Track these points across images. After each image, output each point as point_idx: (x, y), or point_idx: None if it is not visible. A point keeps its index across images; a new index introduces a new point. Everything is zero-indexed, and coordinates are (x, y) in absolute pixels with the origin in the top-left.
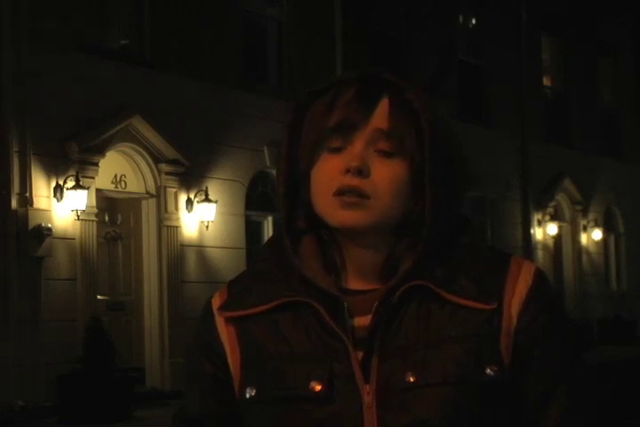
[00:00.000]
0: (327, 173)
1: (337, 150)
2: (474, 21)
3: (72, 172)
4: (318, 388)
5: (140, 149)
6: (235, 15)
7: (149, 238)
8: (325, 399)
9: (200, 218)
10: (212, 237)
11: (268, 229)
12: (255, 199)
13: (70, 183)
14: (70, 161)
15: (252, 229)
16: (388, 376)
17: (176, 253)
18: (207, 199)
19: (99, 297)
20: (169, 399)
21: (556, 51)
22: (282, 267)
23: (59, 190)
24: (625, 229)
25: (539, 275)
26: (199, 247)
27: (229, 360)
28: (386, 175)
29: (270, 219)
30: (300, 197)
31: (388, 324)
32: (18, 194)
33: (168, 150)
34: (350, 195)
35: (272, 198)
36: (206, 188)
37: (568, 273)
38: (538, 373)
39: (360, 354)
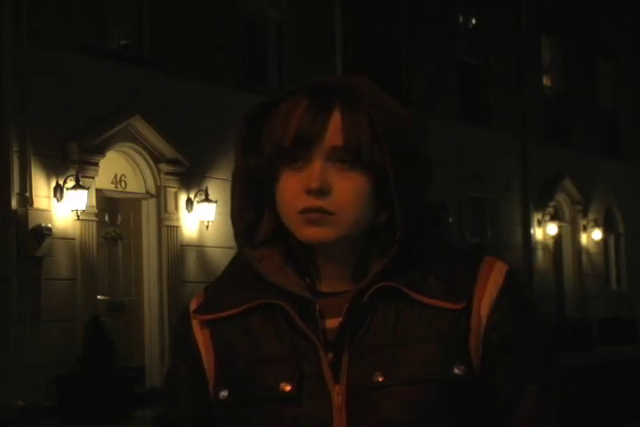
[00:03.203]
0: (289, 192)
1: (296, 167)
2: (474, 21)
3: (72, 172)
4: (288, 389)
5: (140, 149)
6: (235, 15)
7: (149, 238)
8: (295, 400)
9: (200, 218)
10: (212, 237)
11: None
12: None
13: (70, 183)
14: (70, 161)
15: None
16: (357, 376)
17: (176, 253)
18: (207, 199)
19: (99, 297)
20: None
21: (556, 51)
22: (252, 272)
23: (59, 190)
24: (625, 229)
25: (510, 275)
26: (199, 247)
27: (205, 362)
28: (347, 190)
29: None
30: (264, 208)
31: (357, 324)
32: (18, 194)
33: (168, 150)
34: (314, 213)
35: None
36: (206, 188)
37: (568, 273)
38: (507, 374)
39: (330, 355)
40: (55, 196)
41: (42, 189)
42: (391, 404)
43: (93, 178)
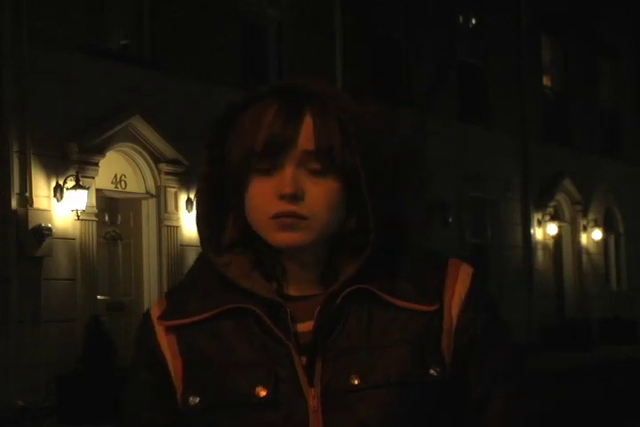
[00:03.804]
0: (261, 197)
1: (267, 173)
2: (474, 21)
3: (72, 172)
4: (263, 393)
5: (140, 149)
6: (235, 15)
7: (149, 238)
8: (271, 405)
9: None
10: None
11: None
12: None
13: (70, 183)
14: (70, 161)
15: None
16: (332, 379)
17: (176, 253)
18: None
19: (99, 297)
20: None
21: (556, 51)
22: (218, 277)
23: (59, 190)
24: (625, 229)
25: (476, 277)
26: (199, 247)
27: (171, 369)
28: (320, 195)
29: None
30: (229, 214)
31: (330, 328)
32: (18, 194)
33: (168, 150)
34: (287, 218)
35: None
36: None
37: (568, 273)
38: (478, 373)
39: (304, 359)
40: (55, 196)
41: (42, 189)
42: (367, 406)
43: (93, 178)
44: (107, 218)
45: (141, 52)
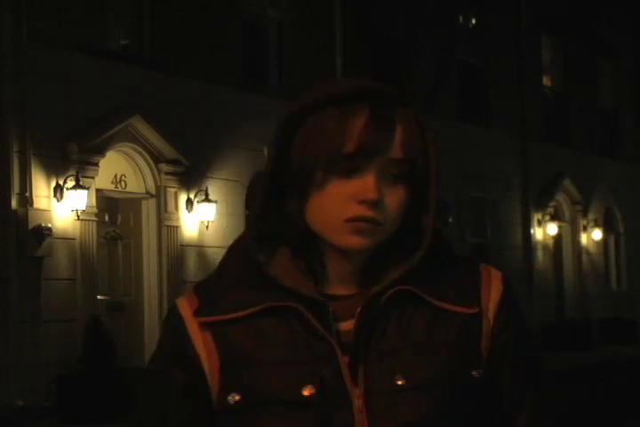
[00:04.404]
0: (337, 199)
1: (346, 176)
2: (474, 21)
3: (72, 172)
4: (309, 392)
5: (140, 149)
6: (235, 15)
7: (149, 238)
8: (316, 404)
9: (200, 218)
10: (212, 237)
11: None
12: None
13: (70, 183)
14: (70, 161)
15: None
16: (376, 380)
17: (176, 253)
18: (207, 199)
19: (99, 297)
20: None
21: (556, 51)
22: (257, 274)
23: (59, 190)
24: (625, 229)
25: (507, 281)
26: (199, 247)
27: (205, 366)
28: (396, 202)
29: None
30: (280, 211)
31: (372, 328)
32: (18, 194)
33: (168, 150)
34: (365, 223)
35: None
36: (206, 188)
37: (568, 273)
38: (510, 374)
39: (346, 358)
40: (55, 196)
41: (42, 189)
42: (411, 407)
43: (93, 178)
44: (107, 218)
45: (141, 52)
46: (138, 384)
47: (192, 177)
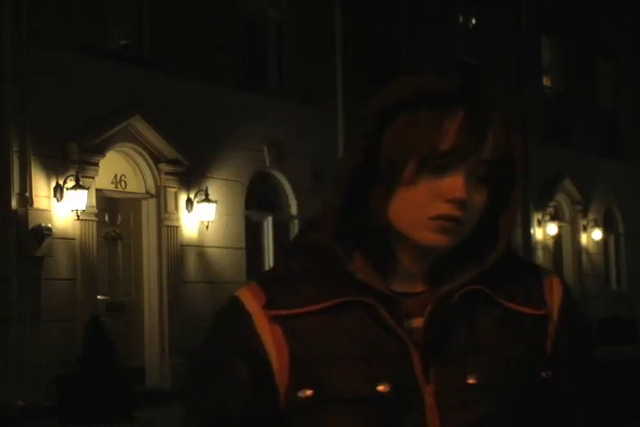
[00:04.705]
0: (425, 196)
1: (436, 173)
2: (474, 21)
3: (72, 172)
4: (384, 389)
5: (140, 149)
6: (235, 15)
7: (149, 238)
8: (389, 402)
9: (200, 218)
10: (212, 237)
11: (268, 229)
12: (255, 199)
13: (70, 183)
14: (70, 161)
15: (251, 229)
16: (447, 378)
17: (176, 253)
18: (207, 199)
19: (99, 297)
20: (169, 399)
21: (556, 51)
22: (327, 269)
23: (59, 190)
24: (625, 229)
25: (567, 286)
26: (199, 247)
27: (273, 360)
28: (478, 203)
29: (270, 219)
30: (359, 206)
31: (442, 326)
32: (18, 194)
33: (168, 150)
34: (449, 222)
35: (271, 198)
36: (206, 188)
37: (568, 273)
38: (571, 375)
39: (418, 356)
40: (55, 196)
41: (42, 189)
42: (482, 406)
43: (93, 178)
44: (107, 218)
45: (141, 52)
46: (190, 378)
47: (192, 177)
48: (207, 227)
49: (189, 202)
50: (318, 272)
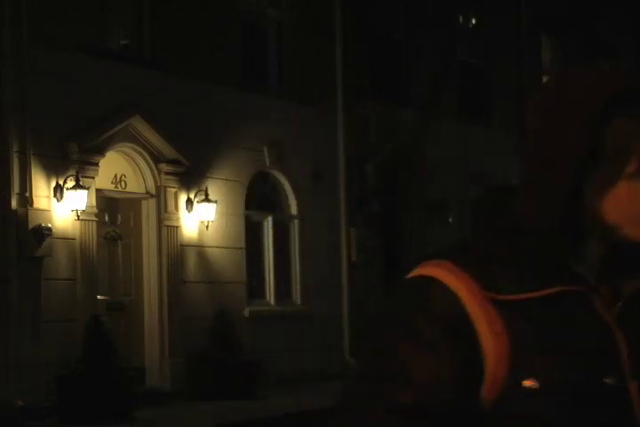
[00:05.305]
0: None
1: None
2: (474, 21)
3: (72, 172)
4: (611, 382)
5: (140, 149)
6: (235, 15)
7: (149, 238)
8: (619, 396)
9: (200, 218)
10: (212, 237)
11: (268, 229)
12: (255, 199)
13: (70, 183)
14: (70, 161)
15: (251, 229)
16: None
17: (176, 253)
18: (207, 199)
19: (99, 297)
20: (169, 399)
21: (556, 51)
22: (536, 256)
23: (59, 190)
24: None
25: None
26: (199, 247)
27: (488, 345)
28: None
29: (270, 219)
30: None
31: (636, 320)
32: (18, 194)
33: (168, 150)
34: None
35: (271, 198)
36: (206, 188)
37: None
38: None
39: (625, 347)
40: (55, 196)
41: (42, 189)
42: None
43: (93, 178)
44: (107, 218)
45: (141, 52)
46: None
47: (192, 177)
48: (207, 227)
49: (189, 202)
50: (524, 259)
